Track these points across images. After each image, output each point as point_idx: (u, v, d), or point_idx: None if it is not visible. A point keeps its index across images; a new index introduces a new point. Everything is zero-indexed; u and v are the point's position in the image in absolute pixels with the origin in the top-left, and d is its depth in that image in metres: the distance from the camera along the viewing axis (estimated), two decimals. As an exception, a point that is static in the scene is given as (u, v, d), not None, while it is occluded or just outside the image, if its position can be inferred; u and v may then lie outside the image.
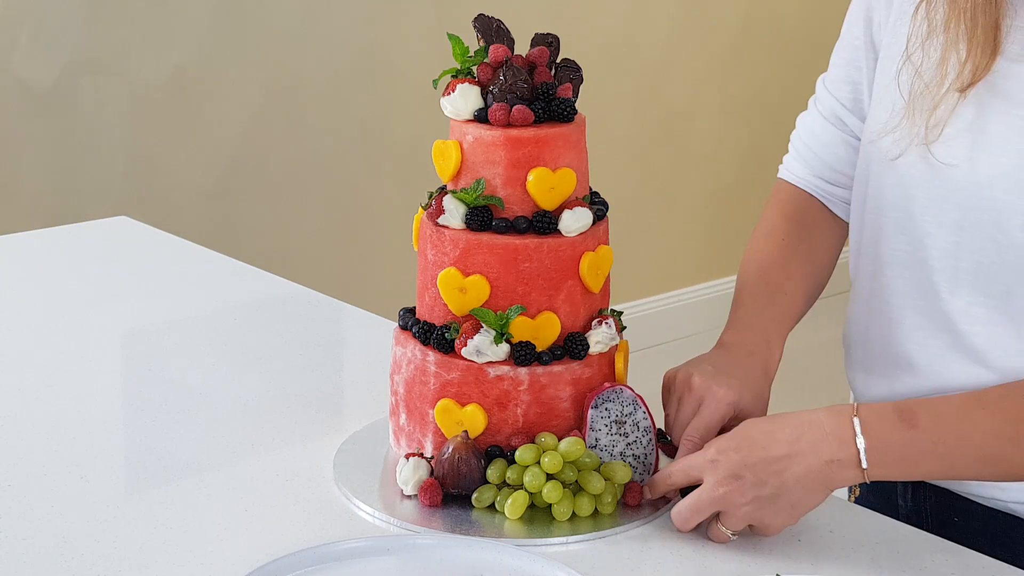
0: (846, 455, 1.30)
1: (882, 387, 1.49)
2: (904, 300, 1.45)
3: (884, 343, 1.48)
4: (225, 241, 3.30)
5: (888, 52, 1.47)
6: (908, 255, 1.44)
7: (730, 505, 1.32)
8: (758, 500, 1.31)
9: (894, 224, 1.45)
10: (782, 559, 1.33)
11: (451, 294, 1.42)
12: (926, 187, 1.41)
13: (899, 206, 1.44)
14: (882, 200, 1.46)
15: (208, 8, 3.32)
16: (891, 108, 1.44)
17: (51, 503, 1.41)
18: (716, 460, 1.33)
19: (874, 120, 1.47)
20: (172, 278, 2.10)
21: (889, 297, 1.47)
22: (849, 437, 1.31)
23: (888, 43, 1.48)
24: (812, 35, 4.58)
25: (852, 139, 1.57)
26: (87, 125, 3.20)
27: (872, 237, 1.48)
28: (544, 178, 1.41)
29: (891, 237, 1.45)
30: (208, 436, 1.57)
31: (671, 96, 4.32)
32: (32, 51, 3.10)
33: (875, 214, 1.47)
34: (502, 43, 1.45)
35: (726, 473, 1.32)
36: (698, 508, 1.34)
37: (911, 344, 1.45)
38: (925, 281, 1.43)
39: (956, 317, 1.40)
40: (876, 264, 1.48)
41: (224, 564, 1.30)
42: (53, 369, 1.76)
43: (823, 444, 1.31)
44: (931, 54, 1.40)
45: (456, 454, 1.39)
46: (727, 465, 1.32)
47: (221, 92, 3.39)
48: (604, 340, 1.44)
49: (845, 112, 1.57)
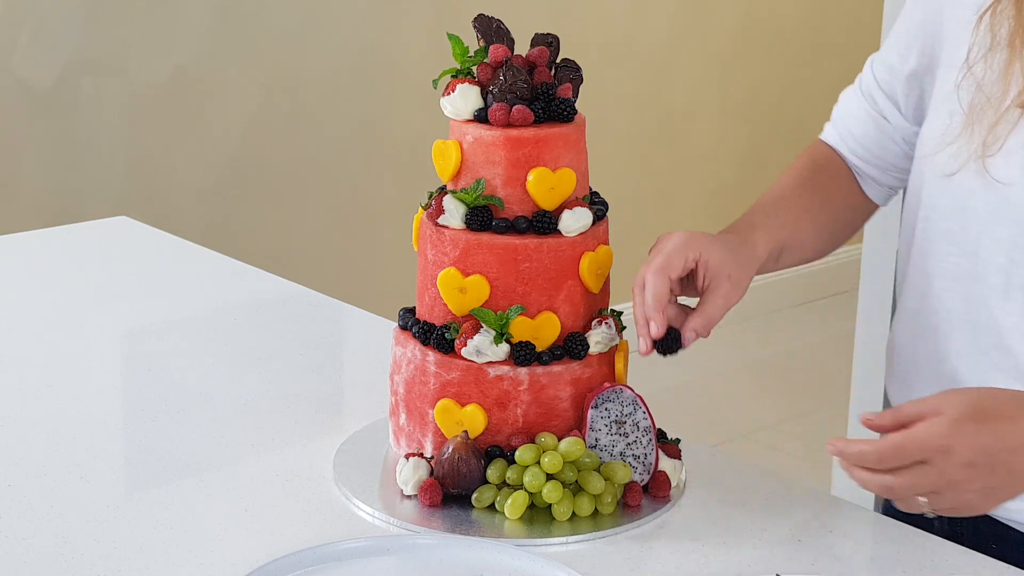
0: None
1: None
2: (954, 316, 1.43)
3: (932, 359, 1.45)
4: (225, 241, 3.30)
5: (951, 59, 1.45)
6: (960, 269, 1.41)
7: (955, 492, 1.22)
8: (984, 491, 1.22)
9: (947, 238, 1.42)
10: (782, 559, 1.33)
11: (451, 294, 1.42)
12: (981, 201, 1.38)
13: (952, 219, 1.42)
14: (935, 213, 1.44)
15: (208, 8, 3.32)
16: (949, 119, 1.42)
17: (51, 503, 1.41)
18: (951, 446, 1.20)
19: (930, 131, 1.46)
20: (172, 278, 2.10)
21: (938, 312, 1.44)
22: None
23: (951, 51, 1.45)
24: (812, 35, 4.58)
25: (881, 119, 1.57)
26: (87, 125, 3.20)
27: (923, 250, 1.46)
28: (544, 178, 1.41)
29: (943, 251, 1.43)
30: (208, 436, 1.57)
31: (671, 96, 4.32)
32: (32, 51, 3.10)
33: (927, 227, 1.45)
34: (502, 43, 1.45)
35: (965, 461, 1.20)
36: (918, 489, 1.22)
37: (959, 360, 1.42)
38: (977, 297, 1.40)
39: (1007, 334, 1.38)
40: (926, 278, 1.46)
41: (224, 564, 1.30)
42: (53, 369, 1.76)
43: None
44: (993, 67, 1.37)
45: (456, 454, 1.39)
46: (967, 453, 1.20)
47: (221, 92, 3.39)
48: (604, 340, 1.44)
49: (879, 92, 1.57)
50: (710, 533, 1.38)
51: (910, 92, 1.54)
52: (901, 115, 1.56)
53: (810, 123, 4.64)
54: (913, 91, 1.54)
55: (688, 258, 1.40)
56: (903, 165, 1.59)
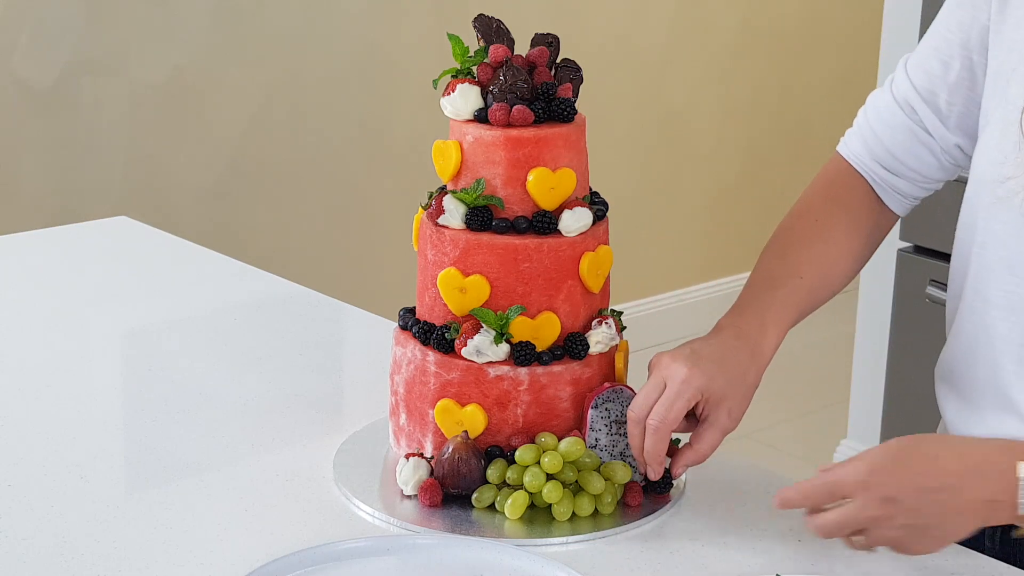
0: (1008, 498, 1.24)
1: (979, 428, 1.41)
2: (1007, 346, 1.38)
3: (989, 385, 1.40)
4: (225, 241, 3.30)
5: (996, 65, 1.40)
6: (1015, 298, 1.37)
7: (878, 529, 1.26)
8: (909, 528, 1.25)
9: (1003, 264, 1.38)
10: (782, 559, 1.33)
11: (451, 294, 1.42)
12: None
13: (1008, 245, 1.37)
14: (992, 238, 1.39)
15: (208, 8, 3.32)
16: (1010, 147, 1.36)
17: (51, 503, 1.41)
18: (868, 482, 1.25)
19: (987, 155, 1.40)
20: (172, 278, 2.10)
21: (993, 340, 1.39)
22: (1012, 480, 1.24)
23: (995, 54, 1.40)
24: (812, 35, 4.58)
25: (919, 129, 1.49)
26: (87, 125, 3.20)
27: (979, 275, 1.41)
28: (544, 178, 1.41)
29: (998, 277, 1.39)
30: (208, 436, 1.57)
31: (671, 96, 4.32)
32: (32, 51, 3.10)
33: (984, 252, 1.40)
34: (502, 43, 1.45)
35: (881, 496, 1.25)
36: (844, 526, 1.27)
37: (1013, 390, 1.38)
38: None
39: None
40: (983, 304, 1.41)
41: (224, 564, 1.30)
42: (53, 369, 1.76)
43: (990, 483, 1.25)
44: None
45: (456, 454, 1.39)
46: (882, 488, 1.25)
47: (221, 92, 3.39)
48: (604, 340, 1.44)
49: (918, 100, 1.48)
50: (710, 533, 1.38)
51: (954, 101, 1.47)
52: (943, 125, 1.48)
53: (810, 123, 4.65)
54: (957, 100, 1.46)
55: (689, 405, 1.38)
56: (937, 176, 1.52)
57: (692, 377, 1.37)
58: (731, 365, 1.40)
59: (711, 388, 1.38)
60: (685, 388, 1.37)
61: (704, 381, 1.37)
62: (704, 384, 1.37)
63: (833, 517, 1.28)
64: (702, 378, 1.37)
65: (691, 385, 1.37)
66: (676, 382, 1.37)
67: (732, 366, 1.40)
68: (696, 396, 1.37)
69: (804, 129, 4.65)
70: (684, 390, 1.36)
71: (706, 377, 1.37)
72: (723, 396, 1.39)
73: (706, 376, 1.37)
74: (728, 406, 1.40)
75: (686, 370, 1.37)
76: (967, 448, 1.28)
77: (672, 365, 1.38)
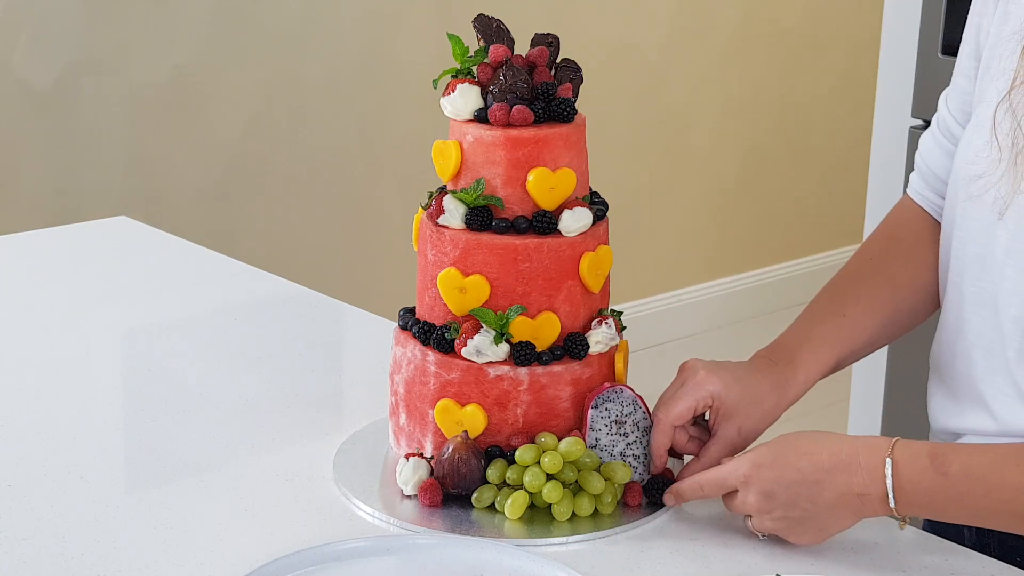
0: (876, 491, 1.29)
1: (956, 419, 1.44)
2: (979, 340, 1.40)
3: (965, 378, 1.42)
4: (225, 241, 3.30)
5: (989, 69, 1.41)
6: (986, 294, 1.38)
7: (760, 519, 1.34)
8: (787, 519, 1.33)
9: (976, 260, 1.39)
10: (782, 559, 1.33)
11: (451, 294, 1.42)
12: (1012, 230, 1.35)
13: (980, 241, 1.39)
14: (966, 234, 1.40)
15: (208, 8, 3.32)
16: (981, 144, 1.37)
17: (51, 503, 1.41)
18: (750, 476, 1.33)
19: (963, 151, 1.41)
20: (172, 278, 2.10)
21: (968, 334, 1.41)
22: (880, 475, 1.29)
23: (989, 55, 1.42)
24: (812, 35, 4.58)
25: None
26: (87, 125, 3.20)
27: (957, 268, 1.42)
28: (544, 178, 1.41)
29: (972, 273, 1.40)
30: (208, 436, 1.57)
31: (671, 96, 4.32)
32: (32, 51, 3.10)
33: (961, 248, 1.41)
34: (502, 43, 1.45)
35: (759, 490, 1.33)
36: (734, 513, 1.37)
37: (983, 386, 1.40)
38: (998, 326, 1.37)
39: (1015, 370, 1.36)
40: (959, 298, 1.42)
41: (224, 564, 1.30)
42: (53, 369, 1.76)
43: (856, 477, 1.30)
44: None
45: (456, 454, 1.39)
46: (760, 484, 1.33)
47: (221, 92, 3.39)
48: (604, 340, 1.44)
49: (955, 124, 1.50)
50: (710, 533, 1.38)
51: None
52: None
53: (810, 123, 4.66)
54: None
55: (698, 407, 1.42)
56: None
57: (707, 381, 1.42)
58: (750, 384, 1.44)
59: (723, 397, 1.42)
60: (697, 388, 1.42)
61: (718, 388, 1.42)
62: (717, 391, 1.42)
63: (732, 504, 1.36)
64: (717, 384, 1.42)
65: (703, 387, 1.42)
66: (691, 382, 1.43)
67: (750, 385, 1.44)
68: (707, 399, 1.42)
69: (804, 129, 4.65)
70: (695, 390, 1.42)
71: (721, 384, 1.42)
72: (735, 410, 1.42)
73: (721, 383, 1.42)
74: (739, 423, 1.43)
75: (704, 373, 1.42)
76: (841, 445, 1.32)
77: (694, 368, 1.44)
